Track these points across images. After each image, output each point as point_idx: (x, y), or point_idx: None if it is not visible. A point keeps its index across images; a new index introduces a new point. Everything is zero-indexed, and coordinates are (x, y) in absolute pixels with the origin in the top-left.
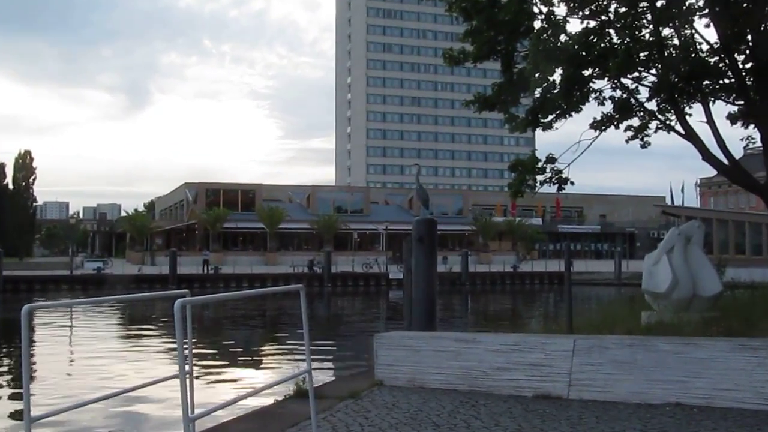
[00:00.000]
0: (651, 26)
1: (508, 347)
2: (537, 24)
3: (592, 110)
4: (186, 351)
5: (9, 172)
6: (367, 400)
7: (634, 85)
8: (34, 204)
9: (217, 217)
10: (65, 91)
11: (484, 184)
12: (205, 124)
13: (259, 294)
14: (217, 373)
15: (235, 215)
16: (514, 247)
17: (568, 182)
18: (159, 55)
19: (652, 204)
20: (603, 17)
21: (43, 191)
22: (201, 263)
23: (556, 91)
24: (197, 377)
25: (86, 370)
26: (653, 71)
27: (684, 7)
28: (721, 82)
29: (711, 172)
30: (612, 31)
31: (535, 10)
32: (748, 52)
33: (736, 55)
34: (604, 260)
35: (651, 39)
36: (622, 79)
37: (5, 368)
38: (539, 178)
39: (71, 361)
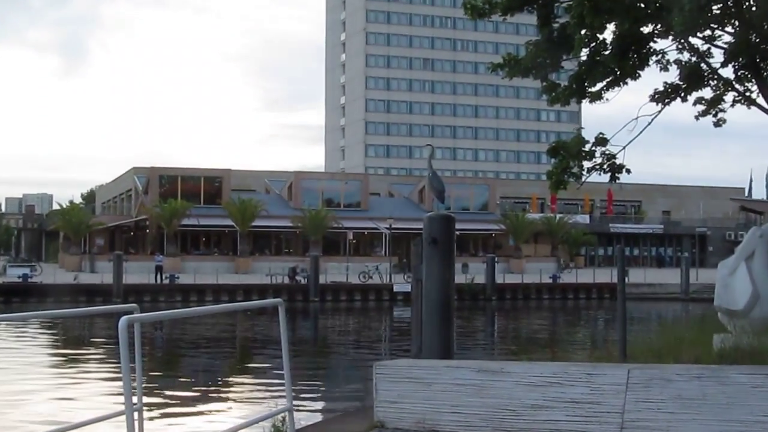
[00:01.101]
0: None
1: (545, 380)
2: None
3: (652, 77)
4: (134, 381)
5: None
6: None
7: (705, 47)
8: None
9: (173, 212)
10: None
11: (515, 171)
12: (161, 93)
13: (227, 310)
14: (173, 410)
15: (197, 209)
16: (553, 252)
17: (623, 170)
18: (102, 5)
19: (728, 198)
20: None
21: None
22: (153, 270)
23: (607, 52)
24: (148, 414)
25: (5, 406)
26: (729, 29)
27: None
28: None
29: None
30: None
31: None
32: None
33: None
34: (668, 269)
35: None
36: (691, 39)
37: None
38: (586, 164)
39: None
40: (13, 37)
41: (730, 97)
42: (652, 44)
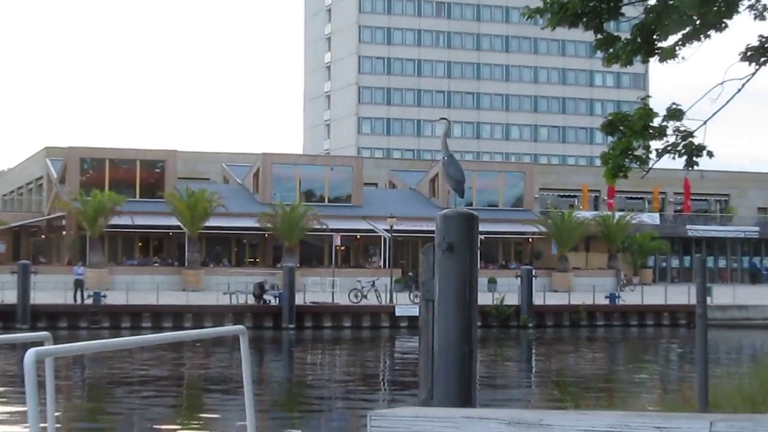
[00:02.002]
0: None
1: None
2: None
3: (743, 29)
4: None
5: None
6: None
7: None
8: None
9: (99, 208)
10: None
11: (560, 154)
12: (81, 46)
13: (171, 341)
14: None
15: (131, 204)
16: (611, 264)
17: (704, 152)
18: None
19: None
20: None
21: None
22: (71, 286)
23: None
24: None
25: None
26: None
27: None
28: None
29: None
30: None
31: None
32: None
33: None
34: (765, 285)
35: None
36: None
37: None
38: (655, 145)
39: None
40: None
41: None
42: None
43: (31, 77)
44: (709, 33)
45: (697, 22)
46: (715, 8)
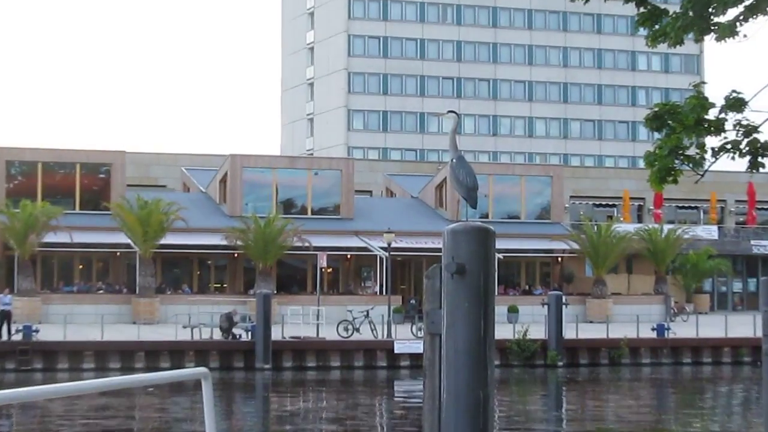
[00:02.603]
0: None
1: None
2: None
3: None
4: None
5: None
6: None
7: None
8: None
9: (30, 222)
10: None
11: (595, 154)
12: (16, 34)
13: (118, 386)
14: None
15: (70, 217)
16: (659, 288)
17: None
18: None
19: None
20: None
21: None
22: None
23: None
24: None
25: None
26: None
27: None
28: None
29: None
30: None
31: None
32: None
33: None
34: None
35: None
36: None
37: None
38: (711, 142)
39: None
40: None
41: None
42: None
43: None
44: None
45: None
46: None
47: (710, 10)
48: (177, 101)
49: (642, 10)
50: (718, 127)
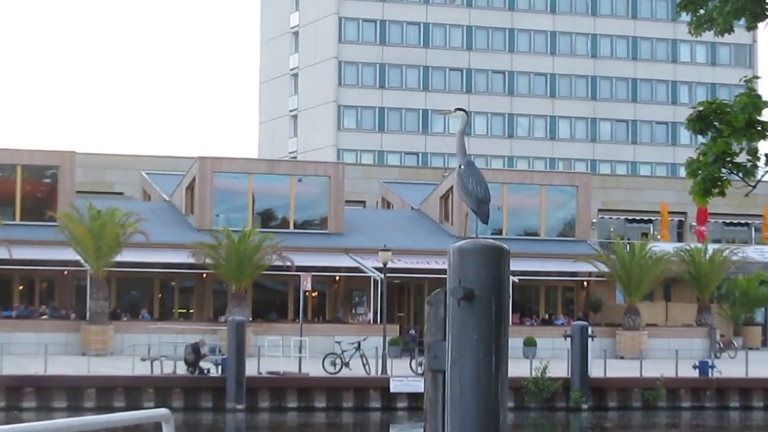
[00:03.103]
0: None
1: None
2: None
3: None
4: None
5: None
6: None
7: None
8: None
9: None
10: None
11: (628, 160)
12: None
13: (65, 431)
14: None
15: (7, 229)
16: (702, 318)
17: None
18: None
19: None
20: None
21: None
22: None
23: None
24: None
25: None
26: None
27: None
28: None
29: None
30: None
31: None
32: None
33: None
34: None
35: None
36: None
37: None
38: (765, 147)
39: None
40: None
41: None
42: None
43: None
44: None
45: None
46: None
47: None
48: (137, 95)
49: None
50: None
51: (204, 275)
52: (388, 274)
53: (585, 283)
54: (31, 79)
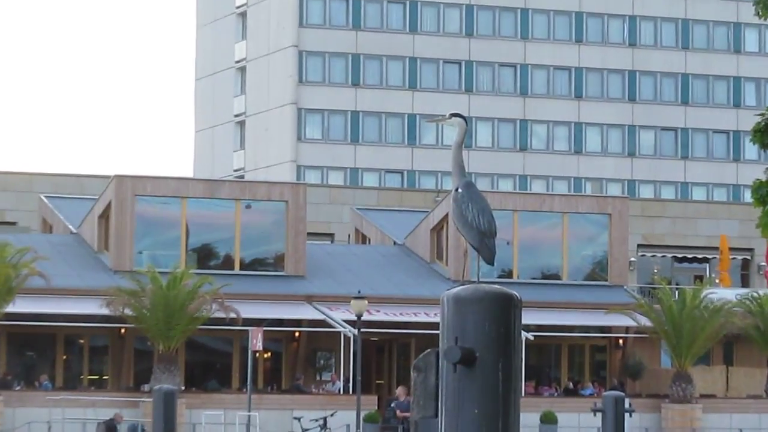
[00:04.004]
0: None
1: None
2: None
3: None
4: None
5: None
6: None
7: None
8: None
9: None
10: None
11: (677, 180)
12: None
13: None
14: None
15: None
16: None
17: None
18: None
19: None
20: None
21: None
22: None
23: None
24: None
25: None
26: None
27: None
28: None
29: None
30: None
31: None
32: None
33: None
34: None
35: None
36: None
37: None
38: None
39: None
40: None
41: None
42: None
43: None
44: None
45: None
46: None
47: None
48: (34, 96)
49: None
50: None
51: (122, 331)
52: (363, 330)
53: (621, 342)
54: None
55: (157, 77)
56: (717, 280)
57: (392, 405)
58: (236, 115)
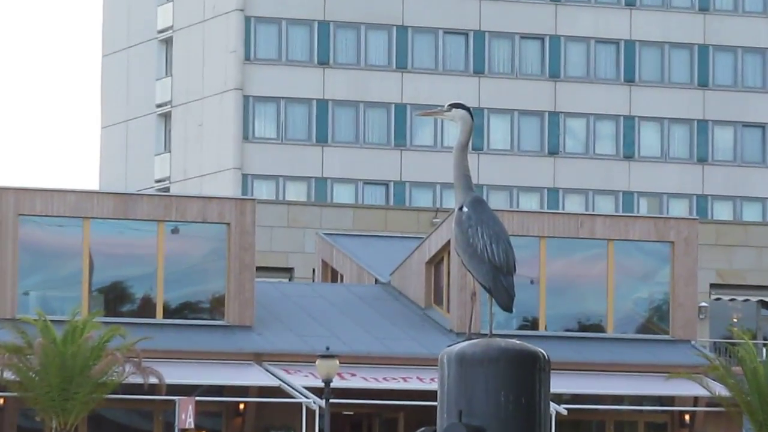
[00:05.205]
0: None
1: None
2: None
3: None
4: None
5: None
6: None
7: None
8: None
9: None
10: None
11: (760, 195)
12: None
13: None
14: None
15: None
16: None
17: None
18: None
19: None
20: None
21: None
22: None
23: None
24: None
25: None
26: None
27: None
28: None
29: None
30: None
31: None
32: None
33: None
34: None
35: None
36: None
37: None
38: None
39: None
40: None
41: None
42: None
43: None
44: None
45: None
46: None
47: None
48: None
49: None
50: None
51: (1, 401)
52: (332, 400)
53: (687, 417)
54: None
55: (53, 53)
56: None
57: None
58: (159, 105)
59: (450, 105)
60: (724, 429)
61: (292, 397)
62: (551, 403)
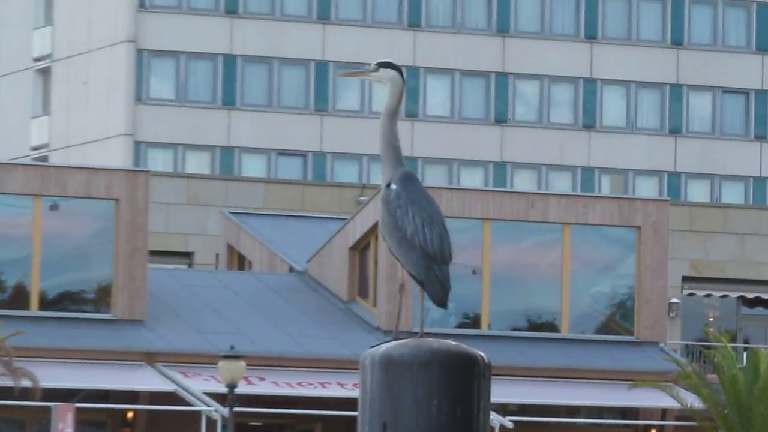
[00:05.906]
0: None
1: None
2: None
3: None
4: None
5: None
6: None
7: None
8: None
9: None
10: None
11: (749, 175)
12: None
13: None
14: None
15: None
16: None
17: None
18: None
19: None
20: None
21: None
22: None
23: None
24: None
25: None
26: None
27: None
28: None
29: None
30: None
31: None
32: None
33: None
34: None
35: None
36: None
37: None
38: None
39: None
40: None
41: None
42: None
43: None
44: None
45: None
46: None
47: None
48: None
49: None
50: None
51: None
52: (237, 409)
53: None
54: None
55: None
56: None
57: None
58: (36, 59)
59: (377, 64)
60: None
61: (189, 404)
62: (494, 415)
